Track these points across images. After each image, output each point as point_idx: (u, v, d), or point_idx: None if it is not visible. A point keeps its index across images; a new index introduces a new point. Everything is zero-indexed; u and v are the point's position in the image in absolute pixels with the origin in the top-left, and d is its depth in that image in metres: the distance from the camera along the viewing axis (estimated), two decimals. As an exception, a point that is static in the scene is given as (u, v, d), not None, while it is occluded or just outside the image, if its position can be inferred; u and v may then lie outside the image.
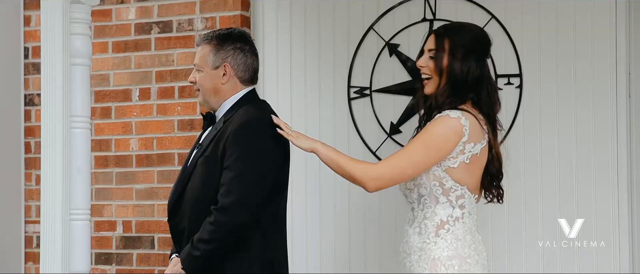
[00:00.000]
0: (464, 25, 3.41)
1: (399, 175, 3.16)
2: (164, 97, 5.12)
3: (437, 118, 3.22)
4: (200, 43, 3.58)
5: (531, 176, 4.63)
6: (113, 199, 5.20)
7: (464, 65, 3.24)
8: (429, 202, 3.21)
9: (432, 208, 3.21)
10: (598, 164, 4.54)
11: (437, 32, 3.35)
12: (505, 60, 4.70)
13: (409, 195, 3.28)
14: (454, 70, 3.25)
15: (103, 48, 5.23)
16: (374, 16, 4.88)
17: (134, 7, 5.18)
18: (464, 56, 3.25)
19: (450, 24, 3.45)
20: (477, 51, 3.28)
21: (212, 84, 3.52)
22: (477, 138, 3.21)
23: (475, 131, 3.21)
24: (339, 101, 4.93)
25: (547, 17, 4.64)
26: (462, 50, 3.25)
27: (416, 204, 3.25)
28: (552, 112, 4.63)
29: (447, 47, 3.27)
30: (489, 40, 3.36)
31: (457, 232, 3.19)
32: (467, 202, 3.23)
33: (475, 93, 3.27)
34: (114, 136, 5.21)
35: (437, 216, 3.20)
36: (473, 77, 3.25)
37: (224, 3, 5.00)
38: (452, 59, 3.25)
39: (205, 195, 3.39)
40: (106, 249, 5.21)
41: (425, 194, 3.22)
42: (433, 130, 3.17)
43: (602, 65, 4.55)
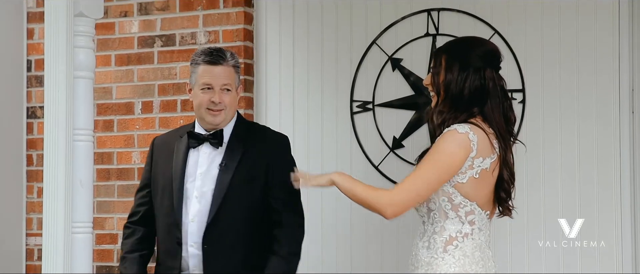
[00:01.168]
0: (464, 39, 3.39)
1: (415, 198, 3.14)
2: (167, 111, 5.12)
3: (445, 134, 3.18)
4: (220, 63, 3.64)
5: (533, 190, 4.63)
6: (115, 212, 5.19)
7: (459, 78, 3.20)
8: (438, 218, 3.19)
9: (441, 223, 3.19)
10: (600, 179, 4.53)
11: (437, 51, 3.34)
12: (508, 75, 4.68)
13: (419, 209, 3.26)
14: (449, 84, 3.22)
15: (106, 61, 5.24)
16: (376, 31, 4.89)
17: (137, 21, 5.19)
18: (459, 69, 3.21)
19: (453, 40, 3.44)
20: (475, 62, 3.22)
21: (236, 104, 3.73)
22: (486, 153, 3.18)
23: (484, 146, 3.18)
24: (342, 115, 4.93)
25: (550, 33, 4.65)
26: (458, 63, 3.21)
27: (426, 218, 3.23)
28: (555, 127, 4.63)
29: (443, 63, 3.24)
30: (490, 50, 3.29)
31: (466, 249, 3.17)
32: (477, 218, 3.20)
33: (477, 105, 3.23)
34: (116, 149, 5.21)
35: (446, 231, 3.18)
36: (470, 89, 3.20)
37: (227, 17, 5.01)
38: (448, 74, 3.22)
39: (252, 215, 3.57)
40: (107, 262, 5.20)
41: (435, 209, 3.20)
42: (441, 148, 3.14)
43: (605, 82, 4.55)
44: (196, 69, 3.66)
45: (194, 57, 3.71)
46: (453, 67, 3.21)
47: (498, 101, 3.24)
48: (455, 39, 3.44)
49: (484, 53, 3.25)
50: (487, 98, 3.22)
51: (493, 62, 3.27)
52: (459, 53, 3.23)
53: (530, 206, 4.62)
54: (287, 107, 5.00)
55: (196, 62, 3.67)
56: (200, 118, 3.69)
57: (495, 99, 3.24)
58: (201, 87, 3.64)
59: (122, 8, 5.22)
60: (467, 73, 3.21)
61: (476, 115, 3.22)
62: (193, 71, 3.68)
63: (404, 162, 4.77)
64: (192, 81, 3.68)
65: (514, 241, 4.63)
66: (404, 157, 4.80)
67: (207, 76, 3.64)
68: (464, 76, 3.21)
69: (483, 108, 3.22)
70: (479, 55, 3.24)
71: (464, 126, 3.15)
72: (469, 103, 3.22)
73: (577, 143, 4.59)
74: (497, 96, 3.25)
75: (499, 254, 4.65)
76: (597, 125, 4.56)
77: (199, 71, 3.65)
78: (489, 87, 3.23)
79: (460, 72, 3.21)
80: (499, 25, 4.71)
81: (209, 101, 3.63)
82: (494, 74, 3.25)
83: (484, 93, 3.23)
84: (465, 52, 3.23)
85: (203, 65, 3.64)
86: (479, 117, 3.22)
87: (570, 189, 4.58)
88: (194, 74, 3.67)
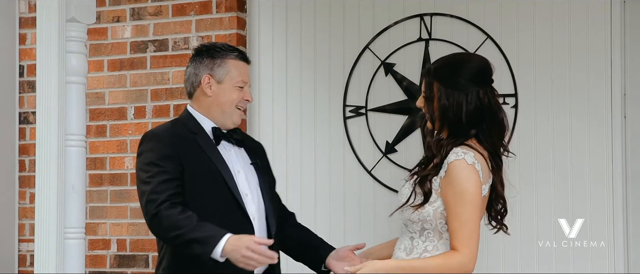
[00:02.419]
0: (452, 61, 3.27)
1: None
2: (159, 116, 5.11)
3: (456, 166, 3.12)
4: (249, 61, 3.56)
5: (526, 196, 4.63)
6: (107, 217, 5.18)
7: (455, 105, 3.15)
8: (432, 237, 3.19)
9: (435, 242, 3.18)
10: (593, 183, 4.54)
11: (426, 74, 3.26)
12: (500, 80, 4.71)
13: (410, 226, 3.24)
14: (446, 112, 3.17)
15: (98, 66, 5.23)
16: (369, 35, 4.89)
17: (129, 26, 5.19)
18: (453, 96, 3.16)
19: (440, 62, 3.29)
20: (467, 86, 3.16)
21: None
22: (487, 178, 3.18)
23: (485, 172, 3.17)
24: (335, 119, 4.93)
25: (543, 38, 4.66)
26: (451, 90, 3.16)
27: (417, 235, 3.21)
28: (547, 132, 4.63)
29: (435, 91, 3.19)
30: (485, 67, 3.23)
31: None
32: None
33: (476, 128, 3.18)
34: (108, 154, 5.20)
35: (439, 251, 3.18)
36: (467, 115, 3.16)
37: (220, 22, 5.01)
38: (442, 101, 3.17)
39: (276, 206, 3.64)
40: (100, 268, 5.18)
41: (429, 229, 3.19)
42: (465, 185, 3.10)
43: (598, 86, 4.56)
44: (225, 64, 3.47)
45: (214, 50, 3.50)
46: (446, 94, 3.16)
47: (494, 118, 3.20)
48: (444, 60, 3.29)
49: (474, 73, 3.19)
50: (485, 118, 3.19)
51: (484, 81, 3.21)
52: (450, 78, 3.17)
53: (523, 207, 4.62)
54: (279, 111, 5.00)
55: (223, 56, 3.48)
56: (226, 115, 3.48)
57: (492, 116, 3.20)
58: (237, 84, 3.47)
59: (115, 13, 5.22)
60: (461, 99, 3.16)
61: (472, 137, 3.20)
62: (219, 65, 3.46)
63: (397, 167, 4.77)
64: (219, 76, 3.46)
65: (506, 241, 4.63)
66: (397, 162, 4.80)
67: (245, 73, 3.50)
68: (459, 102, 3.16)
69: (481, 128, 3.19)
70: (469, 78, 3.17)
71: (469, 156, 3.11)
72: (468, 127, 3.18)
73: (570, 148, 4.60)
74: (493, 113, 3.21)
75: (492, 255, 4.66)
76: (589, 129, 4.57)
77: (230, 67, 3.47)
78: (485, 106, 3.19)
79: (455, 99, 3.16)
80: (491, 30, 4.72)
81: (243, 98, 3.49)
82: (488, 92, 3.20)
83: (481, 114, 3.18)
84: (456, 77, 3.17)
85: (236, 61, 3.49)
86: (473, 139, 3.19)
87: (563, 194, 4.59)
88: (221, 69, 3.46)
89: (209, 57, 3.49)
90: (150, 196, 3.31)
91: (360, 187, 4.88)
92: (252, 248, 3.15)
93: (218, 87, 3.47)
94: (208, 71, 3.48)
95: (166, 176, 3.34)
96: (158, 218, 3.28)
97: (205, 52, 3.51)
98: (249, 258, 3.15)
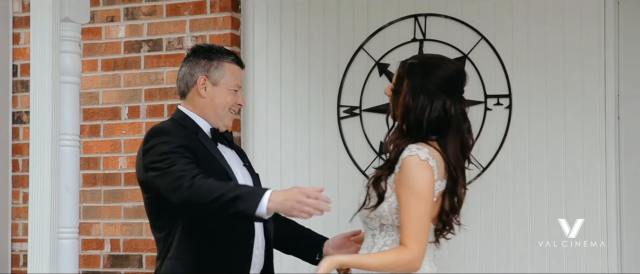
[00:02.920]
0: (430, 62, 3.21)
1: (428, 233, 3.14)
2: (153, 116, 5.10)
3: (409, 162, 3.10)
4: (242, 66, 3.55)
5: (520, 197, 4.64)
6: (101, 217, 5.18)
7: (419, 108, 3.11)
8: (391, 231, 3.19)
9: (394, 236, 3.18)
10: (587, 184, 4.55)
11: (401, 68, 3.21)
12: (494, 81, 4.71)
13: (369, 223, 3.24)
14: (408, 112, 3.13)
15: (92, 66, 5.22)
16: (364, 36, 4.89)
17: (123, 26, 5.18)
18: (420, 98, 3.12)
19: (418, 59, 3.25)
20: (435, 92, 3.12)
21: None
22: (442, 175, 3.15)
23: (441, 168, 3.14)
24: (329, 120, 4.93)
25: (537, 39, 4.66)
26: (418, 91, 3.12)
27: (378, 231, 3.21)
28: (541, 132, 4.64)
29: (405, 87, 3.15)
30: (457, 78, 3.18)
31: (424, 265, 3.17)
32: (430, 233, 3.22)
33: (437, 134, 3.15)
34: (102, 154, 5.20)
35: (398, 244, 3.17)
36: (429, 121, 3.12)
37: (214, 22, 5.01)
38: (408, 99, 3.13)
39: None
40: (94, 268, 5.18)
41: (387, 224, 3.18)
42: (417, 181, 3.08)
43: (591, 87, 4.57)
44: (221, 67, 3.46)
45: (211, 52, 3.49)
46: (413, 94, 3.13)
47: (457, 130, 3.16)
48: (421, 59, 3.25)
49: (445, 81, 3.14)
50: (447, 129, 3.15)
51: (454, 91, 3.16)
52: (420, 80, 3.13)
53: (516, 208, 4.63)
54: (274, 112, 5.00)
55: (220, 59, 3.47)
56: (218, 117, 3.48)
57: (455, 129, 3.16)
58: (232, 88, 3.48)
59: (109, 13, 5.21)
60: (426, 104, 3.12)
61: (432, 141, 3.17)
62: (215, 67, 3.46)
63: (391, 168, 4.78)
64: (215, 78, 3.46)
65: (499, 240, 4.63)
66: (391, 163, 4.80)
67: (238, 77, 3.51)
68: (423, 107, 3.12)
69: (443, 137, 3.17)
70: (439, 85, 3.13)
71: (422, 152, 3.09)
72: (427, 133, 3.14)
73: (563, 148, 4.60)
74: (457, 124, 3.16)
75: (486, 254, 4.66)
76: (583, 130, 4.57)
77: (226, 70, 3.47)
78: (450, 117, 3.14)
79: (420, 102, 3.12)
80: (485, 30, 4.72)
81: (236, 102, 3.50)
82: (456, 102, 3.15)
83: (443, 124, 3.14)
84: (426, 80, 3.13)
85: (231, 65, 3.49)
86: (435, 142, 3.16)
87: (557, 194, 4.60)
88: (218, 71, 3.46)
89: (206, 59, 3.48)
90: (180, 173, 3.24)
91: (355, 188, 4.86)
92: (307, 194, 3.08)
93: (213, 89, 3.47)
94: (204, 72, 3.47)
95: (187, 160, 3.30)
96: (195, 186, 3.18)
97: (201, 53, 3.50)
98: (304, 204, 3.06)
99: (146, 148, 3.38)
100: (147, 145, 3.38)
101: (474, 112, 4.72)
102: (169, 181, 3.25)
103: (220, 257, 3.33)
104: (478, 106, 4.72)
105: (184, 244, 3.37)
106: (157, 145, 3.34)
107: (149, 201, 3.44)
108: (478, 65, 4.73)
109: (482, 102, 4.72)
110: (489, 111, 4.72)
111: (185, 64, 3.53)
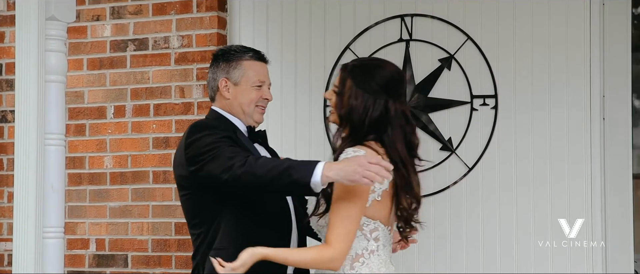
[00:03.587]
0: (372, 64, 3.28)
1: (353, 237, 3.14)
2: (139, 115, 5.09)
3: None
4: (267, 61, 3.60)
5: (505, 197, 4.66)
6: (86, 217, 5.16)
7: (361, 108, 3.15)
8: None
9: None
10: (572, 185, 4.57)
11: (343, 68, 3.27)
12: (480, 81, 4.73)
13: (321, 231, 3.25)
14: (351, 111, 3.17)
15: (78, 65, 5.20)
16: (350, 35, 4.89)
17: (109, 25, 5.17)
18: (362, 98, 3.16)
19: (359, 62, 3.33)
20: (376, 91, 3.17)
21: None
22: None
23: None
24: (315, 119, 4.93)
25: (523, 40, 4.68)
26: (361, 91, 3.17)
27: None
28: (526, 133, 4.65)
29: (348, 87, 3.19)
30: (398, 79, 3.24)
31: (372, 265, 3.16)
32: (381, 234, 3.19)
33: (376, 133, 3.17)
34: (88, 154, 5.18)
35: (352, 250, 3.16)
36: (371, 119, 3.16)
37: (201, 21, 5.00)
38: (351, 100, 3.17)
39: None
40: (79, 267, 5.16)
41: None
42: (351, 184, 3.09)
43: (577, 88, 4.59)
44: (240, 65, 3.53)
45: (229, 53, 3.55)
46: (356, 94, 3.17)
47: (400, 129, 3.18)
48: (362, 61, 3.34)
49: (386, 81, 3.19)
50: (386, 127, 3.17)
51: (394, 92, 3.21)
52: (363, 80, 3.18)
53: (502, 208, 4.64)
54: (260, 112, 4.99)
55: (238, 58, 3.54)
56: (247, 115, 3.54)
57: (397, 127, 3.18)
58: (254, 84, 3.53)
59: (95, 12, 5.19)
60: (368, 103, 3.16)
61: (371, 140, 3.19)
62: (234, 68, 3.53)
63: (377, 168, 4.78)
64: (235, 78, 3.52)
65: (485, 240, 4.65)
66: (377, 163, 4.80)
67: (261, 72, 3.56)
68: (367, 105, 3.16)
69: (382, 136, 3.19)
70: (381, 85, 3.18)
71: (359, 151, 3.12)
72: (368, 132, 3.17)
73: (549, 149, 4.62)
74: (398, 124, 3.19)
75: (471, 252, 4.67)
76: (568, 131, 4.59)
77: (246, 67, 3.52)
78: (390, 116, 3.17)
79: (363, 101, 3.16)
80: (471, 31, 4.74)
81: (262, 97, 3.55)
82: (397, 104, 3.19)
83: (384, 122, 3.17)
84: (369, 80, 3.19)
85: (251, 61, 3.55)
86: (372, 141, 3.18)
87: (542, 194, 4.61)
88: (237, 71, 3.52)
89: (225, 61, 3.55)
90: (231, 154, 3.27)
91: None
92: (368, 159, 3.04)
93: (235, 89, 3.54)
94: (224, 74, 3.54)
95: (235, 147, 3.34)
96: (249, 162, 3.21)
97: (220, 56, 3.57)
98: (366, 168, 2.99)
99: (190, 141, 3.40)
100: (191, 138, 3.40)
101: (460, 113, 4.74)
102: (220, 162, 3.27)
103: (262, 244, 3.30)
104: (464, 106, 4.74)
105: (227, 235, 3.39)
106: (202, 137, 3.37)
107: (187, 198, 3.46)
108: (464, 65, 4.74)
109: (468, 103, 4.73)
110: (475, 112, 4.73)
111: (209, 69, 3.60)
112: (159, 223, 5.01)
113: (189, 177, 3.40)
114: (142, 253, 5.04)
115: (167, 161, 5.00)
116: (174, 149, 4.98)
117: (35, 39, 3.68)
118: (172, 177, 4.98)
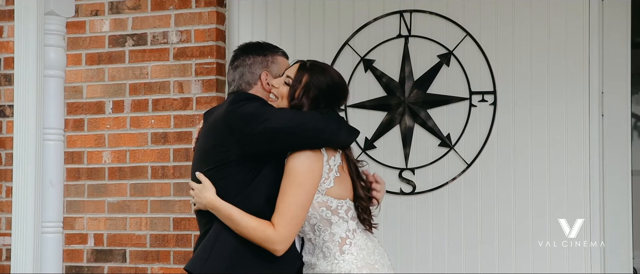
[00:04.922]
0: (327, 69, 3.45)
1: (299, 225, 3.22)
2: (138, 110, 5.09)
3: (294, 155, 3.23)
4: (288, 58, 3.65)
5: (504, 194, 4.66)
6: (85, 211, 5.16)
7: (311, 105, 3.32)
8: (323, 227, 3.27)
9: (328, 230, 3.27)
10: (571, 182, 4.57)
11: (302, 65, 3.42)
12: (479, 77, 4.73)
13: (301, 229, 3.30)
14: (301, 106, 3.32)
15: (76, 60, 5.20)
16: (349, 31, 4.89)
17: (108, 20, 5.16)
18: (314, 97, 3.33)
19: (317, 64, 3.49)
20: (328, 98, 3.35)
21: None
22: (333, 151, 3.29)
23: (331, 152, 3.29)
24: (314, 115, 4.92)
25: (522, 36, 4.68)
26: (316, 91, 3.33)
27: (311, 234, 3.31)
28: (525, 129, 4.66)
29: (304, 83, 3.34)
30: (344, 92, 3.42)
31: (359, 242, 3.26)
32: (355, 212, 3.31)
33: None
34: (86, 148, 5.18)
35: (336, 235, 3.26)
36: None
37: (199, 16, 5.00)
38: (304, 95, 3.33)
39: None
40: (77, 262, 5.16)
41: (317, 222, 3.28)
42: (297, 168, 3.21)
43: (575, 85, 4.59)
44: (276, 60, 3.59)
45: (263, 48, 3.61)
46: (310, 92, 3.33)
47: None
48: (320, 65, 3.47)
49: (338, 93, 3.39)
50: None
51: (339, 102, 3.41)
52: (320, 83, 3.35)
53: (500, 206, 4.65)
54: (259, 107, 4.99)
55: (274, 52, 3.61)
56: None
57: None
58: (286, 81, 3.56)
59: (93, 7, 5.19)
60: (318, 104, 3.33)
61: None
62: (272, 61, 3.58)
63: (377, 163, 4.78)
64: (274, 71, 3.58)
65: (482, 235, 4.65)
66: (376, 159, 4.80)
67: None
68: (315, 105, 3.33)
69: None
70: (334, 95, 3.37)
71: None
72: None
73: (547, 145, 4.62)
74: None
75: (470, 249, 4.67)
76: (567, 127, 4.60)
77: (281, 64, 3.59)
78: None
79: (314, 100, 3.33)
80: (470, 27, 4.74)
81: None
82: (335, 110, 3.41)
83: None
84: (326, 87, 3.35)
85: (283, 58, 3.62)
86: None
87: (540, 192, 4.61)
88: (275, 65, 3.58)
89: (260, 55, 3.57)
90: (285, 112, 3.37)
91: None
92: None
93: (274, 82, 3.56)
94: (264, 68, 3.56)
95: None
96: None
97: (253, 51, 3.58)
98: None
99: (245, 107, 3.38)
100: (236, 105, 3.39)
101: (458, 109, 4.74)
102: (281, 115, 3.34)
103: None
104: (463, 103, 4.74)
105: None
106: (250, 104, 3.40)
107: (219, 176, 3.37)
108: (463, 61, 4.74)
109: (466, 99, 4.74)
110: (473, 108, 4.73)
111: (238, 64, 3.57)
112: (158, 218, 5.01)
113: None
114: (140, 248, 5.04)
115: (165, 156, 5.00)
116: (172, 144, 4.99)
117: (34, 33, 3.68)
118: (170, 173, 4.98)
